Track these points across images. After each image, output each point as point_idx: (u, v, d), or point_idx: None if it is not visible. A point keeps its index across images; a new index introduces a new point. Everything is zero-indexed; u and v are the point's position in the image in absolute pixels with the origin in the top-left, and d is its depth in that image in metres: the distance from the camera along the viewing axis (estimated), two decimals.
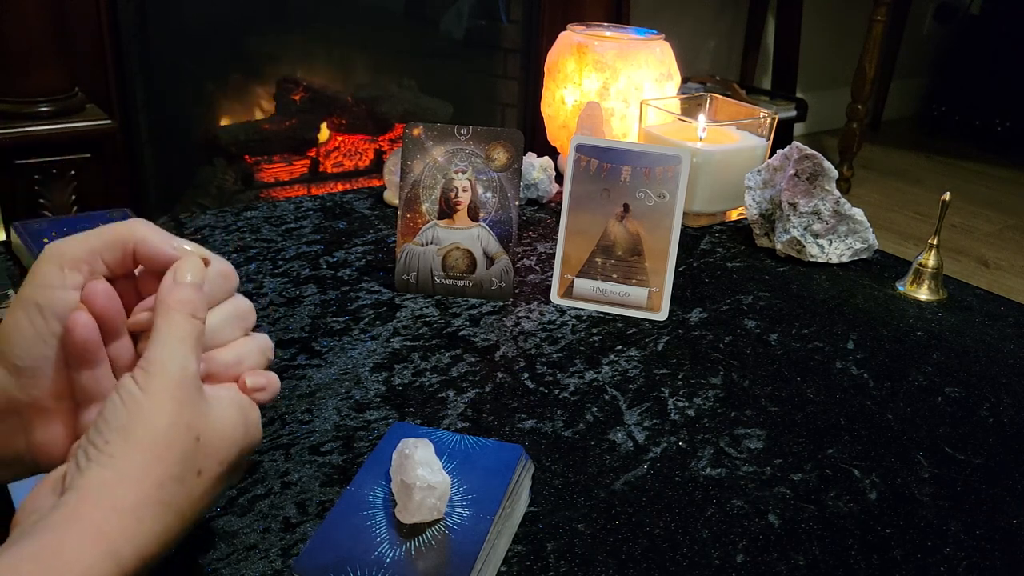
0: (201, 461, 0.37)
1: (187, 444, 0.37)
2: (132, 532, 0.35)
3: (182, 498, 0.37)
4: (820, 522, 0.52)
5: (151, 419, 0.36)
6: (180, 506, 0.37)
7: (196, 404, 0.37)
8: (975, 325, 0.79)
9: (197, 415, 0.37)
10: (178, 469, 0.36)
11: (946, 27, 3.66)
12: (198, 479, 0.37)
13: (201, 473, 0.37)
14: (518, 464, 0.49)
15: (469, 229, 0.78)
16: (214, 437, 0.38)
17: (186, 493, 0.37)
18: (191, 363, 0.38)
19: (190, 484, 0.37)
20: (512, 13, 2.27)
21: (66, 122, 1.41)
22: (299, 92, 2.16)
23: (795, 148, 0.88)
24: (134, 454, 0.35)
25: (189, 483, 0.37)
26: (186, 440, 0.36)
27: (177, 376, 0.37)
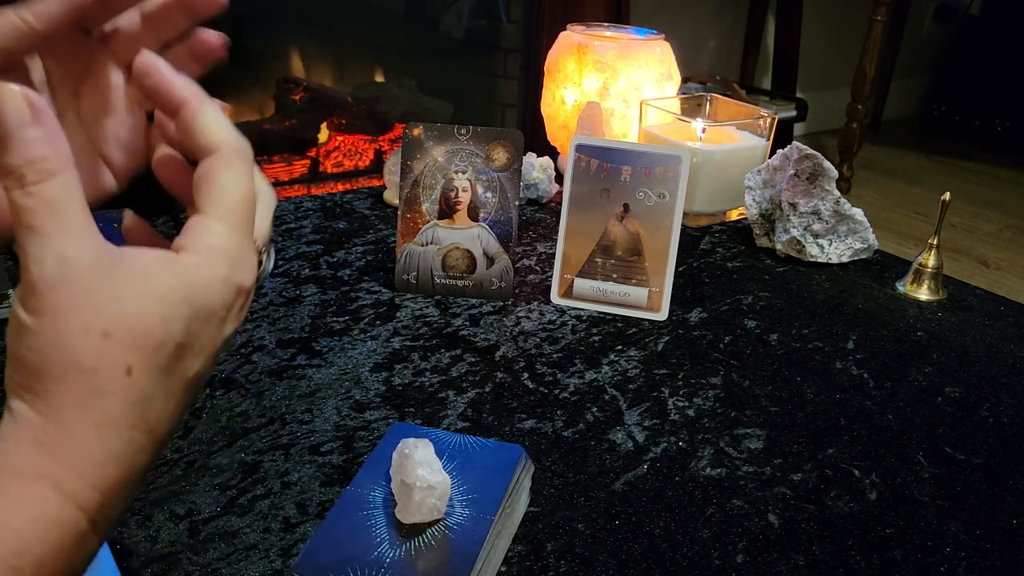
0: (124, 356, 0.31)
1: (93, 347, 0.30)
2: (70, 462, 0.31)
3: (117, 407, 0.31)
4: (820, 522, 0.52)
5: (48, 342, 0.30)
6: (116, 418, 0.31)
7: (95, 295, 0.31)
8: (975, 325, 0.79)
9: (96, 308, 0.31)
10: (93, 381, 0.31)
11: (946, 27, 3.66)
12: (129, 379, 0.31)
13: (132, 369, 0.31)
14: (518, 464, 0.49)
15: (469, 229, 0.78)
16: (134, 323, 0.31)
17: (121, 399, 0.31)
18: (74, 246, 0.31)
19: (120, 387, 0.31)
20: (512, 13, 2.27)
21: None
22: (299, 92, 2.16)
23: (795, 148, 0.88)
24: (47, 385, 0.31)
25: (118, 387, 0.31)
26: (90, 344, 0.30)
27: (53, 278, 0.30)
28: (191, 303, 0.32)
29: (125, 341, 0.31)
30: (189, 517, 0.50)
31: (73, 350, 0.30)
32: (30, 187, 0.30)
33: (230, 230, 0.34)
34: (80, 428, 0.31)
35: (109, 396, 0.31)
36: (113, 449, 0.31)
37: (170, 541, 0.48)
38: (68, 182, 0.31)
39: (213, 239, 0.34)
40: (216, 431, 0.58)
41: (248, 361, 0.66)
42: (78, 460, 0.31)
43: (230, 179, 0.35)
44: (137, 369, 0.31)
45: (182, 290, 0.32)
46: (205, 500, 0.51)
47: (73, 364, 0.30)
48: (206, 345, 0.33)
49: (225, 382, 0.63)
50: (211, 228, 0.34)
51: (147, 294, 0.31)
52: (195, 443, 0.56)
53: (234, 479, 0.53)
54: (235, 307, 0.34)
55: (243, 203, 0.35)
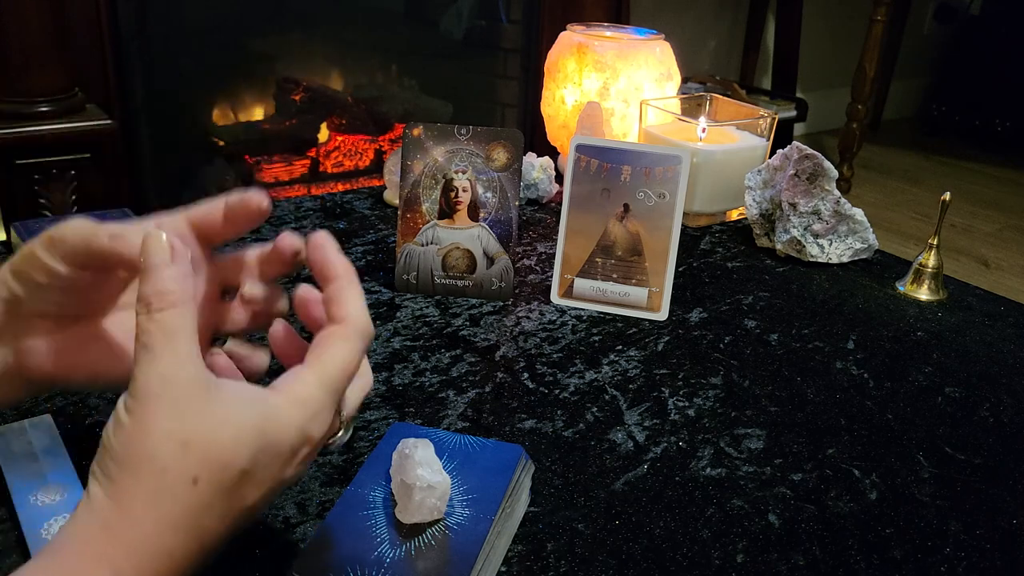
0: (194, 467, 0.35)
1: (171, 451, 0.34)
2: (128, 549, 0.34)
3: (178, 511, 0.34)
4: (820, 522, 0.52)
5: (134, 439, 0.35)
6: (176, 520, 0.35)
7: (185, 408, 0.35)
8: (975, 325, 0.79)
9: (181, 420, 0.35)
10: (163, 480, 0.34)
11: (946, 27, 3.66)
12: (194, 487, 0.35)
13: (198, 481, 0.34)
14: (518, 464, 0.49)
15: (469, 229, 0.78)
16: (210, 441, 0.35)
17: (182, 505, 0.35)
18: (177, 367, 0.36)
19: (184, 494, 0.35)
20: (512, 13, 2.27)
21: (66, 122, 1.41)
22: (299, 92, 2.16)
23: (795, 148, 0.88)
24: (123, 475, 0.35)
25: (182, 493, 0.34)
26: (169, 448, 0.34)
27: (155, 389, 0.35)
28: (263, 436, 0.36)
29: (198, 454, 0.35)
30: None
31: (152, 449, 0.34)
32: (154, 312, 0.36)
33: (320, 387, 0.38)
34: (143, 520, 0.34)
35: (174, 499, 0.35)
36: (168, 547, 0.35)
37: None
38: (185, 313, 0.37)
39: (302, 388, 0.38)
40: None
41: None
42: (135, 550, 0.34)
43: (342, 348, 0.39)
44: (203, 482, 0.35)
45: (259, 423, 0.36)
46: None
47: (149, 460, 0.34)
48: (267, 480, 0.37)
49: None
50: (304, 379, 0.38)
51: (227, 418, 0.36)
52: None
53: None
54: (300, 454, 0.38)
55: (343, 370, 0.39)
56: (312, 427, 0.38)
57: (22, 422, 0.55)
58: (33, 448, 0.52)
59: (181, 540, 0.35)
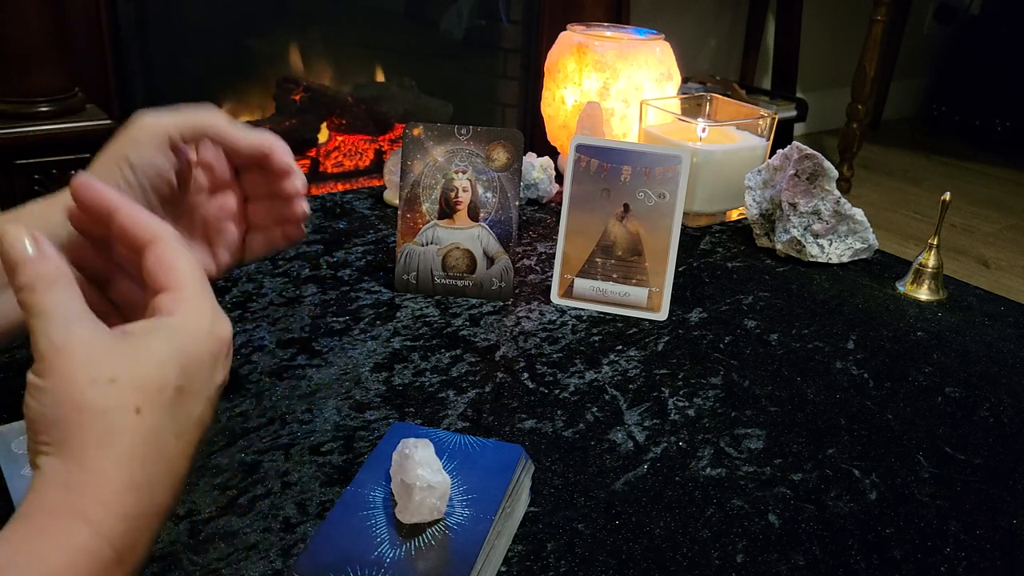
0: (131, 398, 0.35)
1: (102, 392, 0.35)
2: (94, 495, 0.34)
3: (130, 442, 0.35)
4: (820, 522, 0.52)
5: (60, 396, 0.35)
6: (131, 451, 0.35)
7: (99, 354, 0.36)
8: (975, 325, 0.79)
9: (101, 360, 0.35)
10: (105, 420, 0.35)
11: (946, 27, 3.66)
12: (139, 417, 0.35)
13: (140, 409, 0.35)
14: (518, 464, 0.49)
15: (469, 229, 0.78)
16: (135, 371, 0.36)
17: (132, 435, 0.35)
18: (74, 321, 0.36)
19: (131, 425, 0.35)
20: (512, 13, 2.27)
21: (66, 122, 1.41)
22: (299, 92, 2.16)
23: (795, 148, 0.88)
24: (65, 433, 0.35)
25: (129, 425, 0.35)
26: (99, 389, 0.35)
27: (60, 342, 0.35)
28: (181, 350, 0.37)
29: (130, 386, 0.35)
30: (189, 517, 0.50)
31: (84, 396, 0.35)
32: (37, 292, 0.37)
33: (201, 294, 0.40)
34: (101, 463, 0.34)
35: (123, 433, 0.35)
36: (134, 479, 0.35)
37: (170, 541, 0.48)
38: (66, 286, 0.37)
39: (191, 301, 0.39)
40: (216, 431, 0.58)
41: (248, 361, 0.66)
42: (101, 491, 0.34)
43: (183, 259, 0.40)
44: (145, 408, 0.35)
45: (173, 341, 0.37)
46: (205, 500, 0.51)
47: (87, 409, 0.34)
48: (202, 389, 0.38)
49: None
50: (186, 295, 0.39)
51: (142, 347, 0.37)
52: None
53: (234, 479, 0.53)
54: (220, 356, 0.39)
55: (201, 275, 0.41)
56: (219, 328, 0.40)
57: (22, 422, 0.54)
58: None
59: (142, 469, 0.35)
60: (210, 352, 0.39)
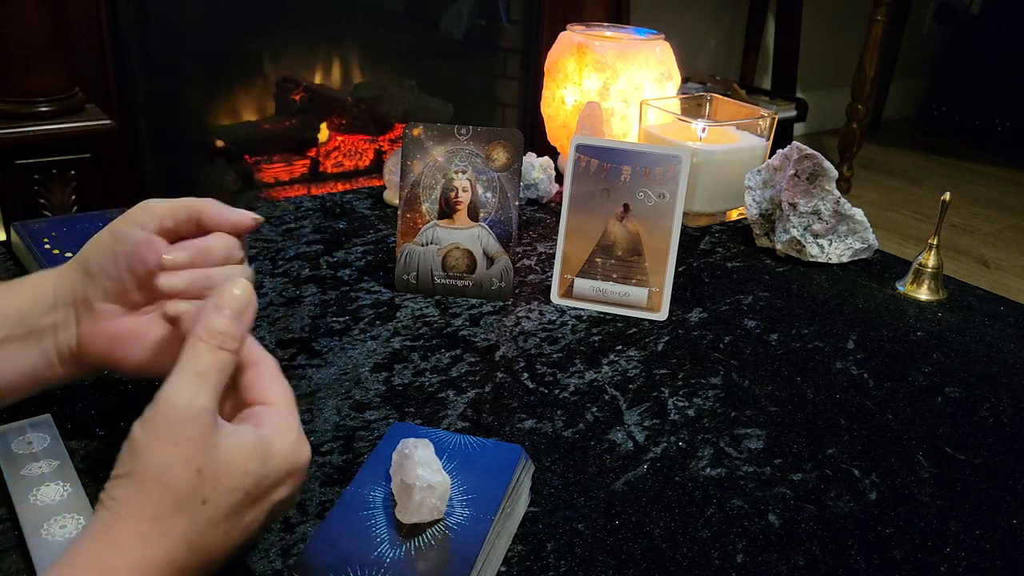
0: (204, 491, 0.38)
1: (185, 478, 0.38)
2: (132, 558, 0.36)
3: (186, 528, 0.38)
4: (820, 522, 0.52)
5: (148, 461, 0.38)
6: (185, 536, 0.38)
7: (200, 439, 0.38)
8: (975, 325, 0.79)
9: (200, 450, 0.38)
10: (175, 502, 0.37)
11: (946, 27, 3.66)
12: (203, 507, 0.38)
13: (207, 503, 0.38)
14: (518, 464, 0.49)
15: (469, 229, 0.78)
16: (219, 468, 0.39)
17: (191, 523, 0.38)
18: (202, 398, 0.39)
19: (193, 514, 0.38)
20: (512, 13, 2.27)
21: (66, 122, 1.41)
22: (299, 92, 2.16)
23: (795, 148, 0.88)
24: (132, 494, 0.37)
25: (192, 513, 0.38)
26: (184, 474, 0.38)
27: (180, 414, 0.38)
28: (264, 464, 0.40)
29: (210, 479, 0.38)
30: None
31: (170, 475, 0.37)
32: (218, 348, 0.41)
33: (291, 415, 0.43)
34: (150, 533, 0.37)
35: (182, 516, 0.38)
36: (172, 558, 0.37)
37: None
38: (232, 361, 0.41)
39: (281, 419, 0.43)
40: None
41: None
42: (140, 559, 0.37)
43: (280, 382, 0.44)
44: (210, 503, 0.38)
45: (259, 452, 0.40)
46: None
47: (165, 486, 0.37)
48: (266, 501, 0.41)
49: None
50: (278, 412, 0.43)
51: (234, 449, 0.39)
52: None
53: None
54: (294, 476, 0.42)
55: (293, 401, 0.44)
56: (300, 449, 0.43)
57: (22, 422, 0.55)
58: (33, 448, 0.52)
59: (185, 553, 0.38)
60: (286, 470, 0.42)
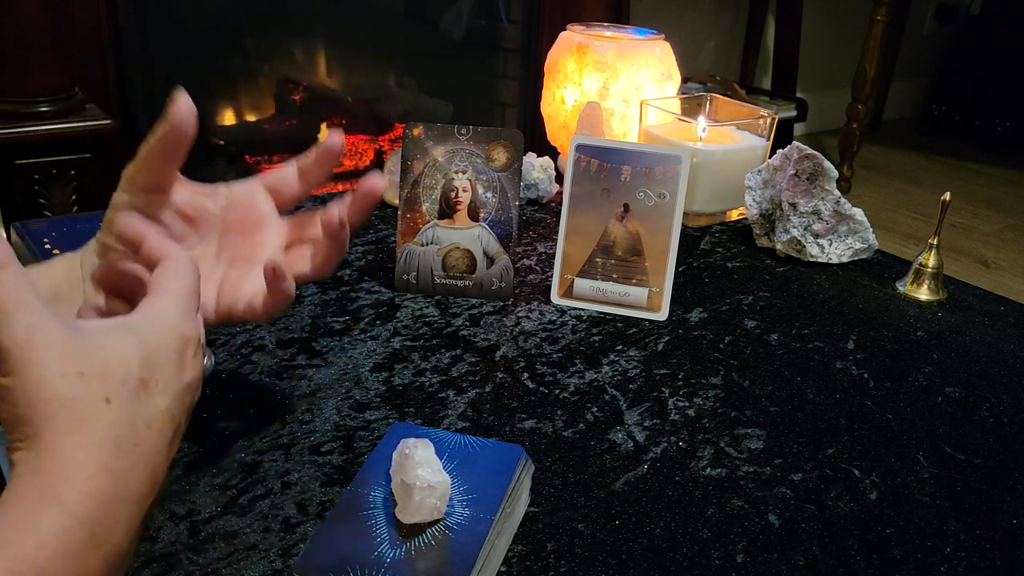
0: (99, 388, 0.36)
1: (72, 384, 0.35)
2: (64, 477, 0.34)
3: (101, 428, 0.35)
4: (820, 522, 0.52)
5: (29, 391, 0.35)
6: (102, 436, 0.35)
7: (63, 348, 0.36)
8: (975, 325, 0.79)
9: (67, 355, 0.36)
10: (78, 410, 0.35)
11: (946, 27, 3.66)
12: (108, 405, 0.36)
13: (109, 399, 0.36)
14: (518, 464, 0.49)
15: (469, 229, 0.78)
16: (100, 364, 0.36)
17: (103, 422, 0.36)
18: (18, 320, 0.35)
19: (101, 412, 0.36)
20: (512, 13, 2.27)
21: (66, 122, 1.41)
22: (299, 92, 2.16)
23: (795, 148, 0.88)
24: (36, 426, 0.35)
25: (99, 412, 0.36)
26: (69, 382, 0.35)
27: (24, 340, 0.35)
28: (143, 344, 0.38)
29: (97, 378, 0.36)
30: (189, 517, 0.50)
31: (55, 389, 0.35)
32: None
33: (172, 297, 0.41)
34: (72, 450, 0.35)
35: (93, 420, 0.35)
36: (106, 464, 0.35)
37: (170, 541, 0.48)
38: (15, 274, 0.37)
39: (157, 303, 0.41)
40: (216, 431, 0.58)
41: (248, 361, 0.66)
42: (73, 475, 0.34)
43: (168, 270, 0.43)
44: (113, 398, 0.36)
45: (132, 336, 0.38)
46: (205, 500, 0.51)
47: (56, 399, 0.35)
48: (169, 383, 0.39)
49: (225, 382, 0.63)
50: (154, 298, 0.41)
51: (104, 343, 0.37)
52: (195, 443, 0.56)
53: (234, 479, 0.53)
54: (187, 353, 0.40)
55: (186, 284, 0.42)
56: (183, 326, 0.40)
57: None
58: None
59: (114, 454, 0.36)
60: (173, 348, 0.40)
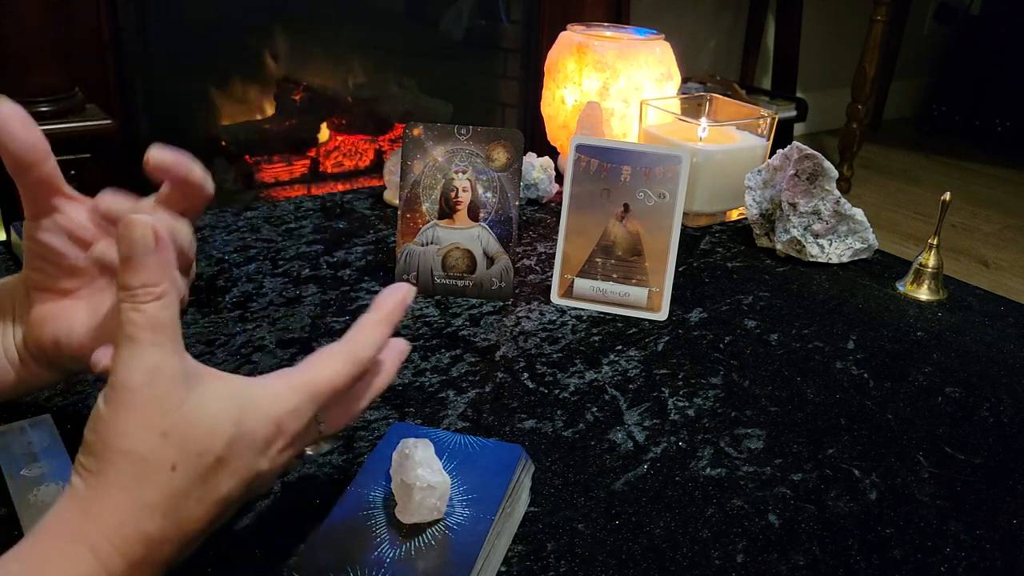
0: (172, 456, 0.36)
1: (149, 443, 0.35)
2: (105, 529, 0.35)
3: (157, 497, 0.36)
4: (820, 522, 0.52)
5: (109, 427, 0.36)
6: (157, 506, 0.36)
7: (158, 402, 0.36)
8: (975, 325, 0.79)
9: (159, 412, 0.36)
10: (141, 469, 0.35)
11: (946, 27, 3.66)
12: (173, 474, 0.36)
13: (176, 467, 0.36)
14: (518, 464, 0.49)
15: (469, 229, 0.78)
16: (186, 429, 0.36)
17: (161, 492, 0.36)
18: (145, 361, 0.36)
19: (162, 480, 0.36)
20: (512, 13, 2.27)
21: (66, 122, 1.41)
22: (299, 92, 2.16)
23: (795, 148, 0.88)
24: (99, 464, 0.36)
25: (161, 481, 0.36)
26: (147, 440, 0.35)
27: (126, 383, 0.36)
28: (238, 426, 0.38)
29: (176, 443, 0.36)
30: None
31: (132, 441, 0.35)
32: (139, 304, 0.36)
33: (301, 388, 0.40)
34: (122, 506, 0.35)
35: (152, 485, 0.36)
36: (145, 530, 0.36)
37: None
38: (170, 305, 0.37)
39: (282, 385, 0.40)
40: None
41: (248, 361, 0.66)
42: (114, 531, 0.35)
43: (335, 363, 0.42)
44: (180, 468, 0.36)
45: (236, 413, 0.38)
46: None
47: (129, 452, 0.35)
48: (241, 469, 0.38)
49: None
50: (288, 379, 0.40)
51: (205, 409, 0.37)
52: None
53: None
54: (275, 445, 0.39)
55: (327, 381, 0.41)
56: (287, 421, 0.40)
57: (22, 422, 0.55)
58: (33, 448, 0.52)
59: (158, 523, 0.36)
60: (264, 437, 0.39)
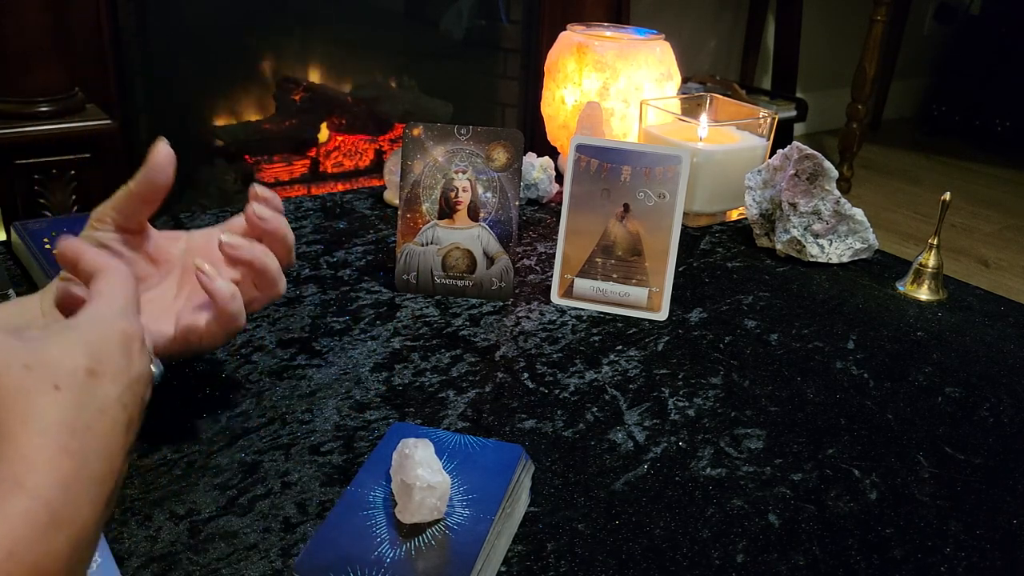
0: (48, 379, 0.37)
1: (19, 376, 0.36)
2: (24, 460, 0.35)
3: (54, 413, 0.36)
4: (820, 522, 0.52)
5: None
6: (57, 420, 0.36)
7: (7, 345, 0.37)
8: (975, 325, 0.79)
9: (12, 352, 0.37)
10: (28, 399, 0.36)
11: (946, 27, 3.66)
12: (58, 392, 0.36)
13: (59, 387, 0.36)
14: (518, 464, 0.49)
15: (469, 229, 0.78)
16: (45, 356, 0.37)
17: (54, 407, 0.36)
18: None
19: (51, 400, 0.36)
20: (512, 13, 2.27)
21: (66, 122, 1.41)
22: (299, 92, 2.16)
23: (795, 148, 0.88)
24: None
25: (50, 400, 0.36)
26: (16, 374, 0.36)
27: None
28: (82, 338, 0.39)
29: (42, 368, 0.37)
30: (189, 517, 0.50)
31: (2, 381, 0.35)
32: None
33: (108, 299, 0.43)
34: (28, 436, 0.35)
35: (46, 407, 0.36)
36: (65, 446, 0.36)
37: (170, 541, 0.48)
38: None
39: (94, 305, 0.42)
40: (216, 431, 0.58)
41: (248, 361, 0.66)
42: (32, 460, 0.35)
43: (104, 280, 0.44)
44: (62, 385, 0.37)
45: (73, 332, 0.39)
46: (205, 500, 0.51)
47: (6, 392, 0.36)
48: (117, 373, 0.39)
49: (225, 382, 0.63)
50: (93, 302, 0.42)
51: (47, 339, 0.38)
52: (195, 443, 0.56)
53: (234, 479, 0.53)
54: (132, 348, 0.41)
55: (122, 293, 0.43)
56: (124, 322, 0.41)
57: None
58: None
59: (72, 438, 0.36)
60: (116, 342, 0.40)
